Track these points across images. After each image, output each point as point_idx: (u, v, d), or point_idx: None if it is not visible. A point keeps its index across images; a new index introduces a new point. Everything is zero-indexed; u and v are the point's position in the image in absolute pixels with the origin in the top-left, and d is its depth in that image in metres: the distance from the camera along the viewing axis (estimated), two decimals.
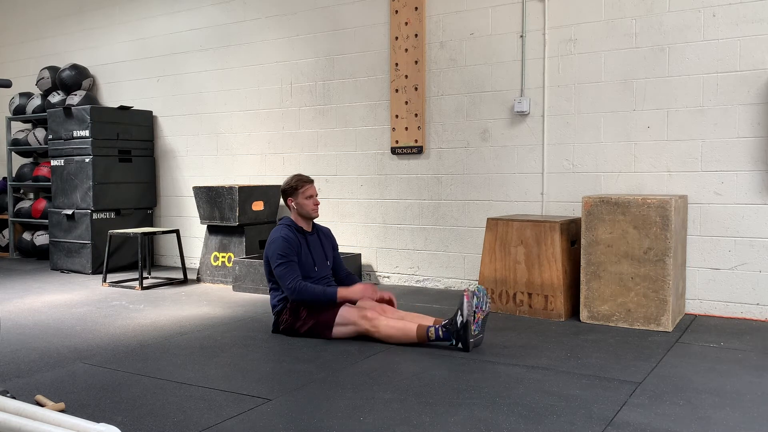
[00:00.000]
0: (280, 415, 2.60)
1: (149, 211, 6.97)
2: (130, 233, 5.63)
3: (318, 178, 5.99)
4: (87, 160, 6.37)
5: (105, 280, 5.72)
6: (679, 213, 4.09)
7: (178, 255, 6.85)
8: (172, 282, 5.83)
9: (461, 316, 3.43)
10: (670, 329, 3.95)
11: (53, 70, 7.42)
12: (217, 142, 6.60)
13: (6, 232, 7.89)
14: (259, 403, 2.73)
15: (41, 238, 7.32)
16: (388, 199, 5.63)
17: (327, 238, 4.17)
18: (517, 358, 3.37)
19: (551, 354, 3.45)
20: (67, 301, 4.97)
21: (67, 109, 6.51)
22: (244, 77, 6.38)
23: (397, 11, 5.46)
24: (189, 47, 6.72)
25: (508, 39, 5.03)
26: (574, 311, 4.44)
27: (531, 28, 4.94)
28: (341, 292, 3.73)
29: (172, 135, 6.92)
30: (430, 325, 3.57)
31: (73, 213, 6.46)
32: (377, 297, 3.84)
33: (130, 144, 6.73)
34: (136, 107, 7.08)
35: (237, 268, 5.37)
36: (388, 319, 3.64)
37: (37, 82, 7.47)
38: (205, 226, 6.10)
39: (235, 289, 5.39)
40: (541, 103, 4.93)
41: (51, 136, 6.66)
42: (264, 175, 6.31)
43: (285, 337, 3.83)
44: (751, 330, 3.96)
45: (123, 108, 6.66)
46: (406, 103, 5.45)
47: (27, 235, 7.47)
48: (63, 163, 6.56)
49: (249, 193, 5.71)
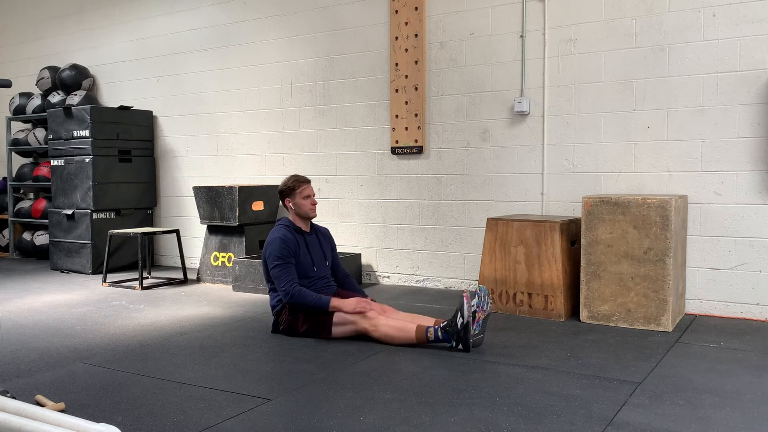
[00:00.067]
0: (280, 415, 2.60)
1: (149, 211, 6.97)
2: (130, 233, 5.63)
3: (318, 178, 5.99)
4: (87, 160, 6.37)
5: (105, 280, 5.72)
6: (679, 213, 4.09)
7: (178, 255, 6.85)
8: (172, 282, 5.83)
9: (461, 317, 3.42)
10: (670, 329, 3.95)
11: (53, 70, 7.42)
12: (217, 142, 6.60)
13: (6, 232, 7.89)
14: (259, 403, 2.73)
15: (41, 238, 7.32)
16: (388, 199, 5.63)
17: (325, 238, 4.17)
18: (517, 358, 3.37)
19: (551, 354, 3.45)
20: (67, 301, 4.97)
21: (67, 109, 6.51)
22: (244, 77, 6.38)
23: (397, 11, 5.46)
24: (189, 47, 6.72)
25: (508, 39, 5.03)
26: (574, 311, 4.44)
27: (531, 28, 4.94)
28: (334, 302, 3.71)
29: (172, 135, 6.92)
30: (429, 325, 3.56)
31: (73, 213, 6.46)
32: (369, 310, 3.72)
33: (130, 144, 6.73)
34: (136, 107, 7.08)
35: (237, 268, 5.38)
36: (388, 318, 3.64)
37: (37, 82, 7.47)
38: (205, 226, 6.10)
39: (235, 289, 5.39)
40: (541, 103, 4.93)
41: (51, 136, 6.66)
42: (264, 175, 6.31)
43: (285, 337, 3.83)
44: (751, 330, 3.96)
45: (123, 108, 6.66)
46: (406, 103, 5.45)
47: (27, 235, 7.48)
48: (63, 163, 6.56)
49: (249, 193, 5.71)
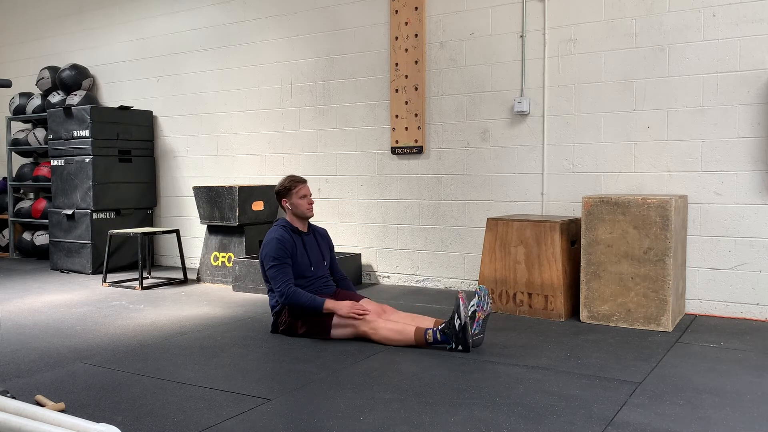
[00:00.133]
0: (280, 415, 2.60)
1: (149, 211, 6.97)
2: (130, 233, 5.63)
3: (318, 178, 5.99)
4: (87, 160, 6.37)
5: (105, 280, 5.72)
6: (679, 213, 4.09)
7: (178, 255, 6.85)
8: (172, 282, 5.83)
9: (458, 318, 3.42)
10: (670, 329, 3.95)
11: (53, 70, 7.42)
12: (217, 142, 6.60)
13: (6, 232, 7.89)
14: (259, 403, 2.73)
15: (41, 238, 7.32)
16: (388, 199, 5.63)
17: (323, 238, 4.17)
18: (517, 358, 3.37)
19: (551, 354, 3.45)
20: (67, 301, 4.97)
21: (67, 109, 6.51)
22: (244, 77, 6.38)
23: (397, 11, 5.46)
24: (189, 47, 6.72)
25: (508, 39, 5.03)
26: (574, 311, 4.44)
27: (531, 28, 4.94)
28: (328, 304, 3.71)
29: (172, 135, 6.92)
30: (428, 327, 3.56)
31: (73, 213, 6.46)
32: (362, 318, 3.68)
33: (130, 144, 6.72)
34: (136, 107, 7.08)
35: (237, 268, 5.38)
36: (387, 321, 3.63)
37: (37, 82, 7.47)
38: (205, 226, 6.10)
39: (235, 289, 5.39)
40: (541, 103, 4.93)
41: (51, 136, 6.66)
42: (264, 175, 6.31)
43: (285, 337, 3.83)
44: (751, 330, 3.96)
45: (123, 108, 6.66)
46: (406, 103, 5.45)
47: (27, 235, 7.48)
48: (63, 163, 6.56)
49: (249, 193, 5.71)
